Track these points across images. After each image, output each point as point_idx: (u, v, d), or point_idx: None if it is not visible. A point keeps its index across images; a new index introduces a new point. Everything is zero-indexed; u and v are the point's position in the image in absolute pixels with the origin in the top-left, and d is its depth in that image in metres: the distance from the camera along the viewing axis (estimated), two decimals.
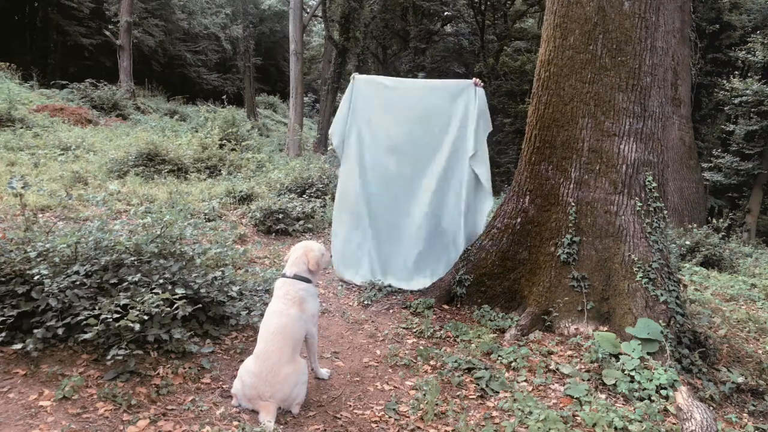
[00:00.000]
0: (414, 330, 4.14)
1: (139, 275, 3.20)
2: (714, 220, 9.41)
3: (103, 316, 2.82)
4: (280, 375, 2.75)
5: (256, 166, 9.68)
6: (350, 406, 3.04)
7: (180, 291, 3.12)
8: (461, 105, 4.91)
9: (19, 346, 2.82)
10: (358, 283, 4.99)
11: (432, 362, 3.64)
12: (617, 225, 4.17)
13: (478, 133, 4.88)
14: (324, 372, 3.30)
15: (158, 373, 2.96)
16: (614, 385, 3.35)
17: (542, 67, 4.58)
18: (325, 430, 2.77)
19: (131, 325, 2.80)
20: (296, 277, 3.03)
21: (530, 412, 2.99)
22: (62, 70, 22.60)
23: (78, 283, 3.08)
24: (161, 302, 2.97)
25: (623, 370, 3.43)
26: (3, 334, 2.87)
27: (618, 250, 4.12)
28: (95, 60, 24.11)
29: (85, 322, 2.84)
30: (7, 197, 5.60)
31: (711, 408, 3.08)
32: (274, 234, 6.36)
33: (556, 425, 2.84)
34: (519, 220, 4.55)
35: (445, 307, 4.67)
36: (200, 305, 3.44)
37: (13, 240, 3.33)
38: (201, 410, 2.74)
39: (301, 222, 6.65)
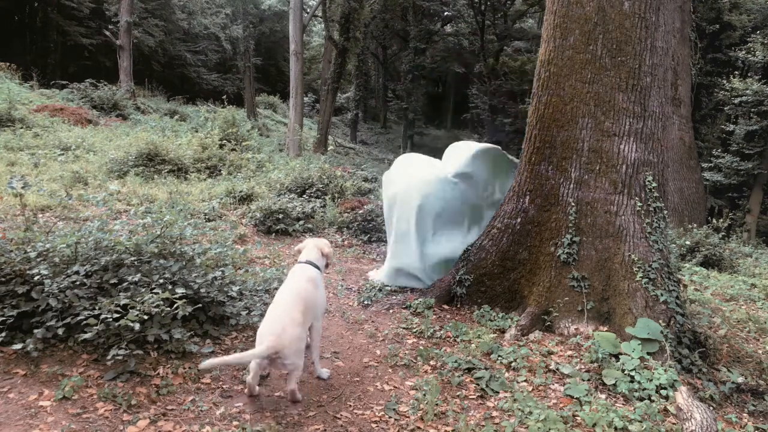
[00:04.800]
0: (414, 330, 4.14)
1: (139, 275, 3.20)
2: (714, 220, 9.41)
3: (103, 316, 2.82)
4: (288, 329, 2.85)
5: (256, 166, 9.68)
6: (350, 406, 3.04)
7: (180, 291, 3.13)
8: None
9: (19, 346, 2.82)
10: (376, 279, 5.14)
11: (432, 362, 3.63)
12: (617, 225, 4.17)
13: None
14: (324, 372, 3.31)
15: (158, 373, 2.95)
16: (614, 385, 3.35)
17: (542, 67, 4.57)
18: (325, 430, 2.77)
19: (131, 325, 2.81)
20: (309, 262, 3.32)
21: (530, 412, 2.98)
22: (62, 70, 22.60)
23: (78, 283, 3.08)
24: (161, 302, 2.97)
25: (623, 370, 3.43)
26: (3, 334, 2.87)
27: (618, 250, 4.12)
28: (95, 60, 24.11)
29: (85, 322, 2.84)
30: (7, 197, 5.59)
31: (711, 408, 3.08)
32: (274, 234, 6.36)
33: (556, 425, 2.84)
34: (519, 220, 4.54)
35: (445, 307, 4.67)
36: (200, 305, 3.44)
37: (13, 240, 3.33)
38: (201, 410, 2.74)
39: (301, 222, 6.65)
